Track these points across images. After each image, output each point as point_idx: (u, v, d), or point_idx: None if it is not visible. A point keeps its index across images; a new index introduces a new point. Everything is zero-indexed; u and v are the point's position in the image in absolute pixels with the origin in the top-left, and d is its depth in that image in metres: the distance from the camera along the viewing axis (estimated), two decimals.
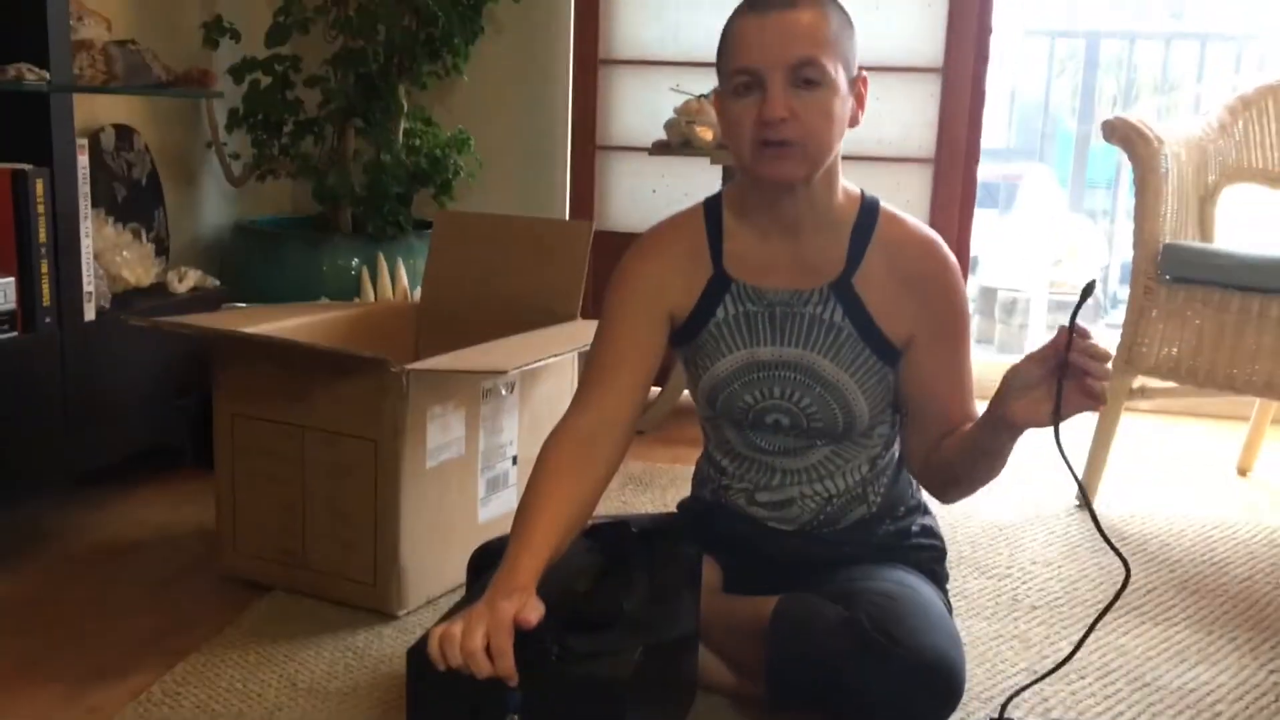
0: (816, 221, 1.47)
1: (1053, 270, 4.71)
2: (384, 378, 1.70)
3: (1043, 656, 1.73)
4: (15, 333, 1.92)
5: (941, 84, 3.06)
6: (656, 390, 2.92)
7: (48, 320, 1.97)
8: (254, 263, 2.83)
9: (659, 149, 2.78)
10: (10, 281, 1.90)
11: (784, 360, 1.50)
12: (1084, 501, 1.31)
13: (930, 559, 1.60)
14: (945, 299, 1.48)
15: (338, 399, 1.76)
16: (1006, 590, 1.99)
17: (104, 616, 1.79)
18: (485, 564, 1.47)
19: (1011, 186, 5.42)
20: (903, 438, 1.56)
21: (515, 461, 1.99)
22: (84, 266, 2.04)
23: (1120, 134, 2.34)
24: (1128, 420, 2.54)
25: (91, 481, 2.27)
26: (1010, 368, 1.29)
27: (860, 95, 1.43)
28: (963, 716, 1.52)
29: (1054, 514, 2.36)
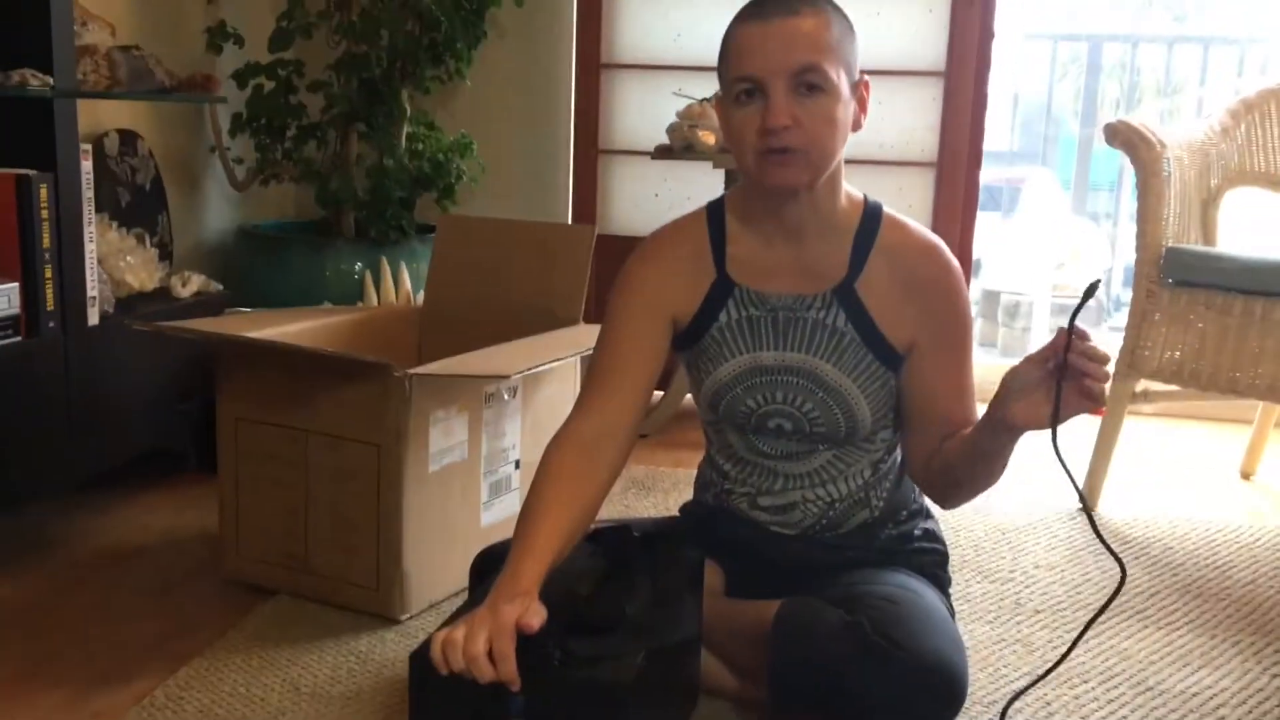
0: (819, 227, 1.47)
1: (1055, 273, 4.71)
2: (387, 382, 1.70)
3: (1045, 660, 1.73)
4: (19, 337, 1.92)
5: (944, 88, 3.06)
6: (659, 394, 2.92)
7: (51, 325, 1.97)
8: (257, 267, 2.83)
9: (661, 153, 2.78)
10: (14, 286, 1.91)
11: (787, 365, 1.50)
12: (1082, 503, 1.31)
13: (933, 563, 1.60)
14: (947, 304, 1.48)
15: (341, 403, 1.76)
16: (1009, 594, 1.99)
17: (107, 621, 1.79)
18: (488, 568, 1.47)
19: (1014, 190, 5.42)
20: (903, 442, 1.56)
21: (518, 466, 1.99)
22: (88, 271, 2.05)
23: (1122, 137, 2.34)
24: (1130, 424, 2.54)
25: (95, 486, 2.27)
26: (1009, 369, 1.29)
27: (862, 99, 1.43)
28: None
29: (1057, 518, 2.36)
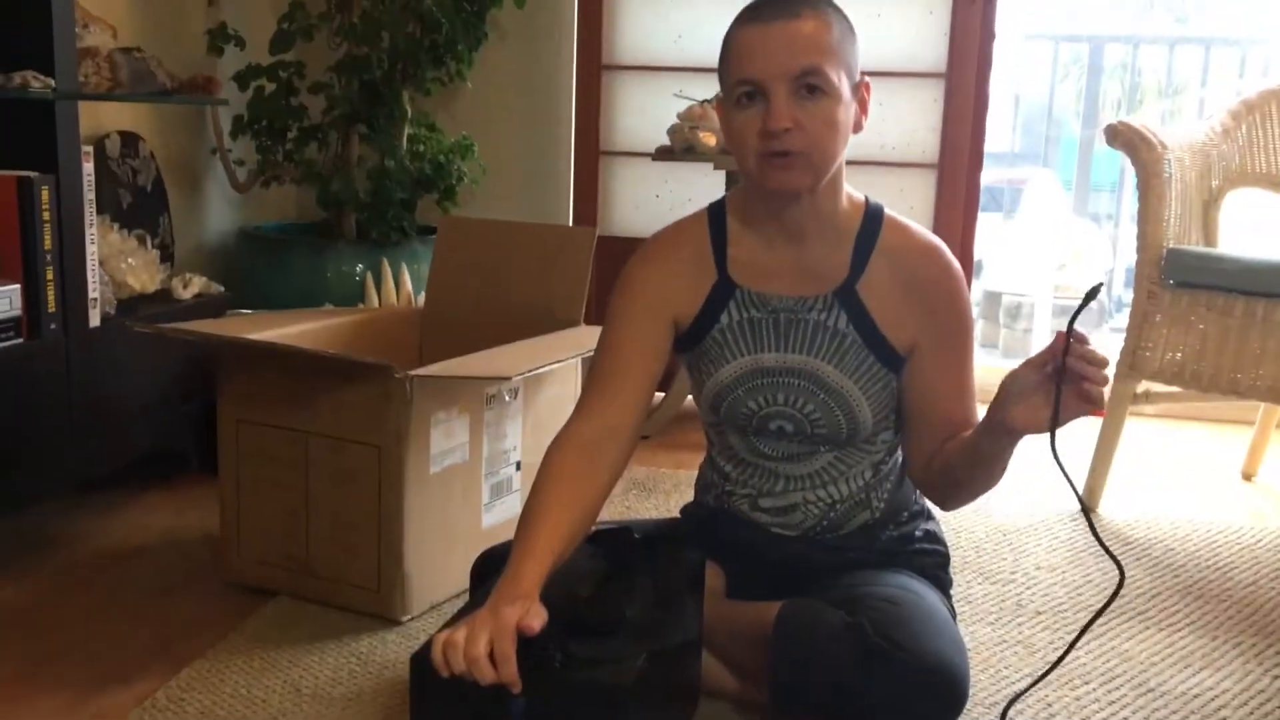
0: (821, 228, 1.47)
1: (1057, 274, 4.71)
2: (388, 384, 1.70)
3: (1046, 662, 1.73)
4: (21, 339, 1.92)
5: (945, 89, 3.06)
6: (660, 395, 2.92)
7: (53, 327, 1.97)
8: (258, 269, 2.83)
9: (662, 154, 2.78)
10: (16, 288, 1.91)
11: (788, 366, 1.50)
12: (1082, 506, 1.31)
13: (934, 564, 1.60)
14: (948, 306, 1.48)
15: (342, 405, 1.77)
16: (1010, 595, 1.98)
17: (108, 622, 1.79)
18: (488, 570, 1.47)
19: (1016, 191, 5.42)
20: (904, 443, 1.56)
21: (519, 467, 1.99)
22: (89, 273, 2.05)
23: (1124, 139, 2.34)
24: (1132, 425, 2.54)
25: (96, 487, 2.27)
26: (1008, 373, 1.29)
27: (863, 101, 1.43)
28: None
29: (1058, 519, 2.35)
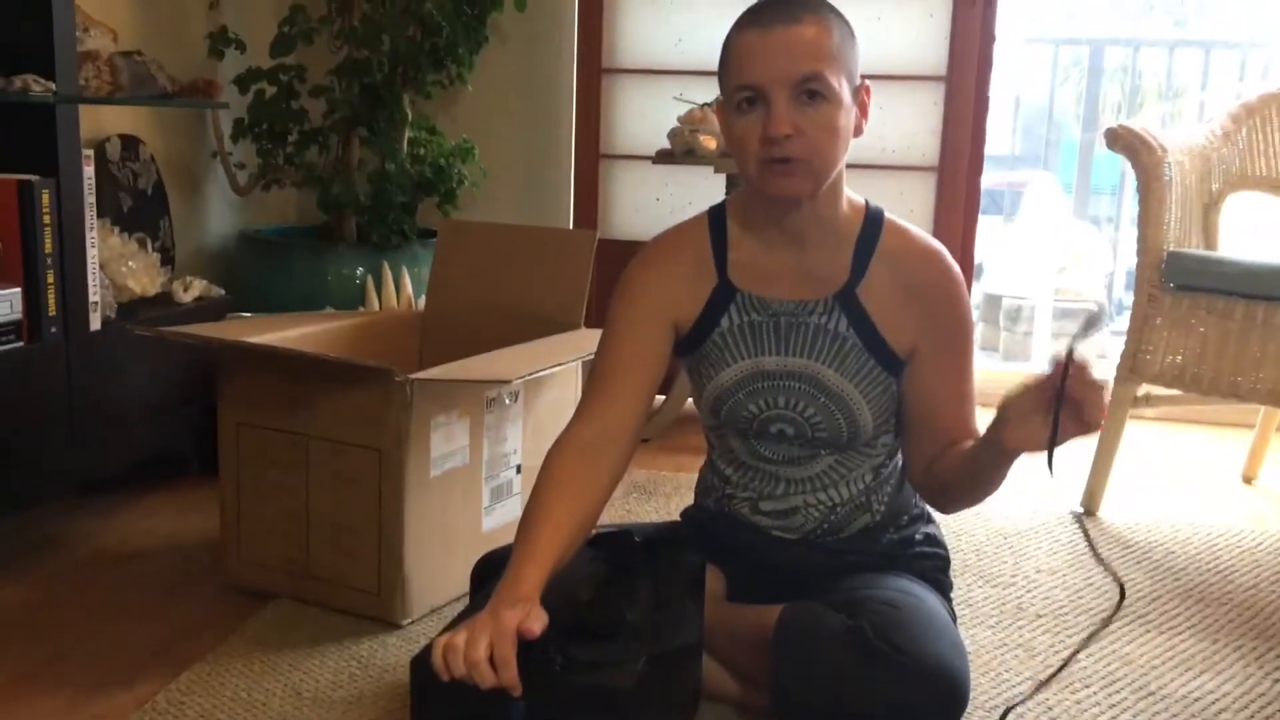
0: (821, 232, 1.47)
1: (1057, 277, 4.71)
2: (388, 387, 1.70)
3: (1047, 665, 1.73)
4: (21, 342, 1.92)
5: (945, 92, 3.06)
6: (660, 399, 2.92)
7: (53, 330, 1.97)
8: (259, 272, 2.83)
9: (663, 158, 2.78)
10: (16, 291, 1.91)
11: (789, 370, 1.50)
12: (1079, 525, 1.31)
13: (934, 567, 1.60)
14: (949, 310, 1.48)
15: (342, 408, 1.77)
16: (1011, 599, 1.98)
17: (109, 624, 1.79)
18: (489, 573, 1.47)
19: (1016, 194, 5.43)
20: (904, 447, 1.56)
21: (519, 470, 1.99)
22: (89, 276, 2.05)
23: (1124, 142, 2.34)
24: (1132, 428, 2.54)
25: (97, 490, 2.27)
26: (1007, 395, 1.28)
27: (864, 105, 1.43)
28: None
29: (1058, 522, 2.35)
